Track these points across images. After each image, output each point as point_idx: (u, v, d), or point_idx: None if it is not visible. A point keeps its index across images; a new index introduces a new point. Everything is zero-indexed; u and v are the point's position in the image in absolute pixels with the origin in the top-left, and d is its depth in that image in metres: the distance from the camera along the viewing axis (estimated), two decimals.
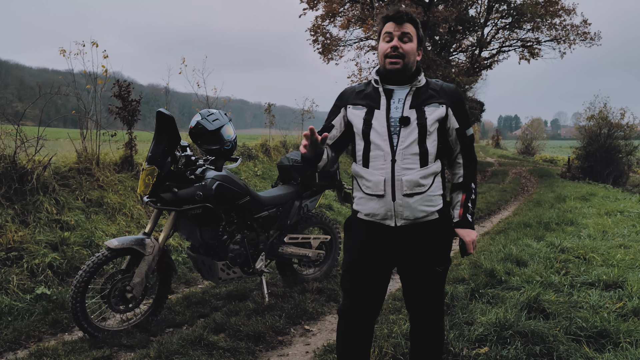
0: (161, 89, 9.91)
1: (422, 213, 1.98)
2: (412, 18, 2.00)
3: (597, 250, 5.01)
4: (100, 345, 3.07)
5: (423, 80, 2.05)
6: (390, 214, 1.98)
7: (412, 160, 1.95)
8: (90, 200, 5.47)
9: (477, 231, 7.31)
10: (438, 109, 1.99)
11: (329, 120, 2.18)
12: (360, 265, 2.07)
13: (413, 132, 1.95)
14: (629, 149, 17.45)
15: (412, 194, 1.95)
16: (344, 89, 2.20)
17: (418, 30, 2.03)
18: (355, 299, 2.11)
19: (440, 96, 2.02)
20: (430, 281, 2.06)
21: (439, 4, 16.76)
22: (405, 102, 1.99)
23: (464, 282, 4.08)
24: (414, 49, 1.99)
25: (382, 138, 1.97)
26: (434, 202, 2.00)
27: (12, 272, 3.98)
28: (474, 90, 24.69)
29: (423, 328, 2.15)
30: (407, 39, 1.98)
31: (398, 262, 2.09)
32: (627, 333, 2.88)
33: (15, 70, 71.79)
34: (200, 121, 3.62)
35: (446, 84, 2.09)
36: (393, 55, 1.97)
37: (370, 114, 2.01)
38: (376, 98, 2.03)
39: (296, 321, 3.52)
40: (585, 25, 19.70)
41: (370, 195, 2.02)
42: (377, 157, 1.99)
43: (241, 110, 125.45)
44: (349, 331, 2.14)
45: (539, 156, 36.97)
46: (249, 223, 3.78)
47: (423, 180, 1.96)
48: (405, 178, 1.94)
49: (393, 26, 1.99)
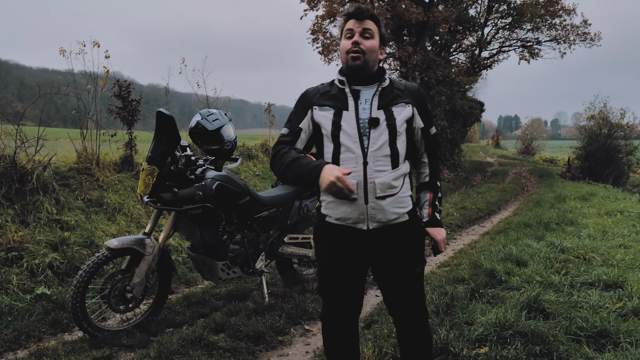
0: (161, 89, 9.92)
1: (394, 215, 1.96)
2: (373, 15, 1.98)
3: (597, 250, 5.00)
4: (100, 345, 3.07)
5: (388, 79, 2.03)
6: (363, 217, 1.94)
7: (383, 162, 1.93)
8: (90, 200, 5.47)
9: (477, 231, 7.33)
10: (405, 108, 1.97)
11: (294, 124, 2.07)
12: (334, 270, 2.05)
13: (383, 133, 1.92)
14: (629, 149, 17.46)
15: (384, 196, 1.92)
16: (305, 90, 2.13)
17: (380, 27, 2.00)
18: (333, 304, 2.11)
19: (406, 95, 2.00)
20: (409, 283, 2.04)
21: (439, 4, 16.75)
22: (373, 103, 1.96)
23: (464, 282, 4.08)
24: (375, 46, 1.96)
25: (352, 140, 1.92)
26: (404, 203, 1.98)
27: (12, 272, 3.98)
28: (474, 90, 24.71)
29: (409, 331, 2.12)
30: (368, 35, 1.95)
31: (372, 266, 2.07)
32: (627, 333, 2.88)
33: (15, 70, 71.80)
34: (200, 121, 3.62)
35: (409, 83, 2.07)
36: (354, 51, 1.93)
37: (339, 115, 1.95)
38: (343, 99, 1.98)
39: (296, 321, 3.52)
40: (585, 25, 19.71)
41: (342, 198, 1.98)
42: (348, 159, 1.93)
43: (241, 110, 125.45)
44: (333, 335, 2.15)
45: (539, 156, 36.99)
46: (249, 223, 3.78)
47: (395, 182, 1.94)
48: (378, 180, 1.91)
49: (354, 23, 1.96)
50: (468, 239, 6.74)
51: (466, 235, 7.12)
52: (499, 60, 21.37)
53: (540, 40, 20.45)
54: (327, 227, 2.04)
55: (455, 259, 5.20)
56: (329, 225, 2.03)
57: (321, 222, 2.07)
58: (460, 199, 11.23)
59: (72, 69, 6.49)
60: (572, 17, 19.60)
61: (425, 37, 16.63)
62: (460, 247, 6.04)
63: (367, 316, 3.51)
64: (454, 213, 8.51)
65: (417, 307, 2.08)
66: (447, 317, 3.22)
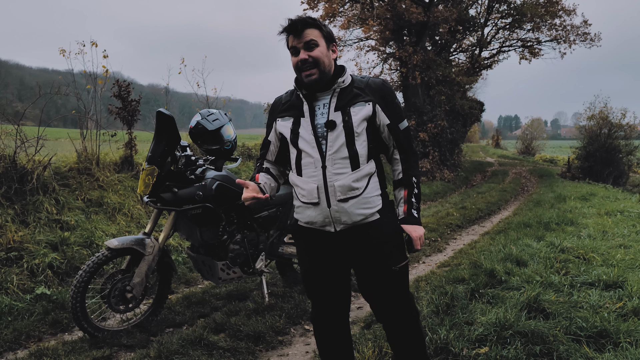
0: (161, 89, 9.92)
1: (360, 217, 1.93)
2: (308, 22, 1.90)
3: (597, 250, 5.00)
4: (100, 345, 3.07)
5: (348, 79, 1.98)
6: (328, 220, 1.94)
7: (342, 165, 1.91)
8: (90, 200, 5.47)
9: (477, 231, 7.33)
10: (364, 107, 1.93)
11: (265, 137, 2.17)
12: (313, 273, 2.07)
13: (340, 135, 1.90)
14: (629, 149, 17.47)
15: (346, 198, 1.90)
16: (273, 101, 2.15)
17: (321, 29, 1.92)
18: (320, 305, 2.11)
19: (366, 94, 1.95)
20: (389, 283, 1.99)
21: (439, 4, 16.74)
22: (330, 105, 1.94)
23: (464, 282, 4.08)
24: (323, 52, 1.91)
25: (310, 145, 1.93)
26: (371, 203, 1.94)
27: (12, 272, 3.98)
28: (474, 90, 24.66)
29: (398, 335, 2.08)
30: (312, 44, 1.89)
31: (352, 267, 2.05)
32: (627, 333, 2.88)
33: (15, 70, 71.79)
34: (200, 121, 3.62)
35: (372, 79, 2.02)
36: (306, 68, 1.89)
37: (297, 123, 1.97)
38: (299, 106, 1.98)
39: (296, 321, 3.52)
40: (585, 25, 19.71)
41: (306, 203, 1.98)
42: (308, 164, 1.95)
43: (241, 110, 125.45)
44: (324, 336, 2.16)
45: (539, 156, 37.00)
46: (249, 223, 3.78)
47: (356, 183, 1.91)
48: (337, 183, 1.90)
49: (292, 39, 1.91)
50: (468, 239, 6.74)
51: (466, 235, 7.11)
52: (499, 60, 21.36)
53: (541, 40, 20.46)
54: (300, 231, 2.07)
55: (455, 259, 5.19)
56: (302, 229, 2.06)
57: (295, 225, 2.10)
58: (460, 199, 11.23)
59: (72, 69, 6.50)
60: (572, 17, 19.65)
61: (425, 37, 16.62)
62: (460, 247, 6.04)
63: (367, 316, 3.51)
64: (454, 213, 8.51)
65: (402, 308, 2.04)
66: (447, 317, 3.22)
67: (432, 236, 6.68)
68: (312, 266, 2.07)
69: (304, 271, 2.12)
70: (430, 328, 3.03)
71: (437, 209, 9.55)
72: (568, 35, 19.73)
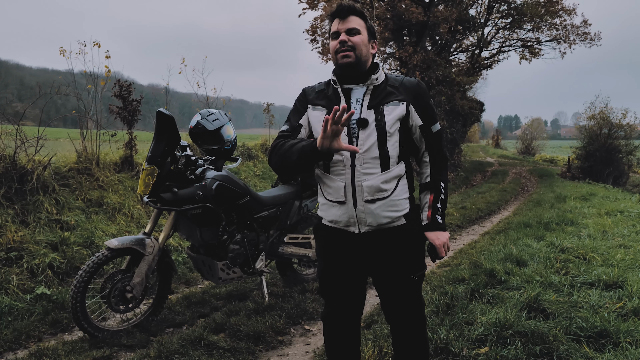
0: (161, 89, 9.92)
1: (386, 219, 1.89)
2: (356, 10, 1.90)
3: (597, 250, 5.00)
4: (100, 345, 3.07)
5: (382, 77, 1.95)
6: (353, 220, 1.91)
7: (372, 165, 1.86)
8: (90, 200, 5.47)
9: (477, 231, 7.32)
10: (398, 107, 1.88)
11: (294, 120, 2.03)
12: (332, 272, 2.04)
13: (372, 134, 1.85)
14: (629, 149, 17.47)
15: (373, 199, 1.86)
16: (304, 88, 2.09)
17: (366, 21, 1.92)
18: (334, 305, 2.09)
19: (400, 93, 1.91)
20: (405, 290, 1.98)
21: (439, 4, 16.75)
22: (364, 102, 1.89)
23: (464, 282, 4.08)
24: (364, 40, 1.89)
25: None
26: (398, 206, 1.90)
27: (12, 272, 3.98)
28: (474, 90, 24.70)
29: (404, 339, 2.07)
30: (355, 32, 1.88)
31: (370, 270, 2.03)
32: (627, 333, 2.88)
33: (15, 70, 71.75)
34: (200, 121, 3.62)
35: (407, 79, 1.97)
36: (343, 50, 1.87)
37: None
38: (335, 99, 1.93)
39: (296, 321, 3.52)
40: (585, 25, 19.73)
41: (332, 201, 1.94)
42: (337, 162, 1.89)
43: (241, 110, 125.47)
44: (334, 335, 2.14)
45: (539, 156, 36.99)
46: (249, 223, 3.78)
47: (385, 185, 1.87)
48: (365, 184, 1.86)
49: (338, 23, 1.90)
50: (468, 239, 6.74)
51: (466, 235, 7.11)
52: (499, 60, 21.40)
53: (541, 40, 20.48)
54: (323, 229, 2.04)
55: (455, 259, 5.19)
56: (325, 227, 2.03)
57: (319, 222, 2.07)
58: (460, 198, 11.23)
59: (72, 69, 6.50)
60: (572, 17, 19.63)
61: (425, 37, 16.63)
62: (460, 247, 6.04)
63: (367, 316, 3.51)
64: (454, 213, 8.51)
65: (413, 315, 2.04)
66: (447, 317, 3.22)
67: None
68: (330, 265, 2.04)
69: (322, 269, 2.09)
70: (430, 328, 3.03)
71: None
72: (568, 35, 19.76)
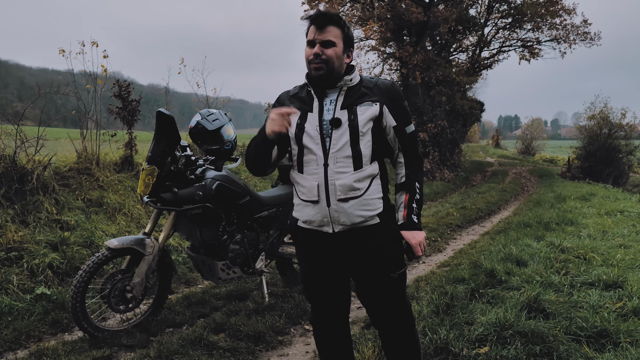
0: (161, 89, 9.92)
1: (360, 218, 1.90)
2: (334, 19, 1.89)
3: (597, 250, 5.00)
4: (100, 345, 3.07)
5: (357, 78, 1.96)
6: (327, 220, 1.91)
7: (344, 164, 1.88)
8: (90, 200, 5.47)
9: (477, 231, 7.32)
10: (371, 107, 1.90)
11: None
12: (313, 275, 2.04)
13: (344, 134, 1.88)
14: (629, 149, 17.48)
15: (346, 198, 1.88)
16: (280, 95, 2.11)
17: (344, 30, 1.91)
18: (319, 308, 2.10)
19: (374, 94, 1.93)
20: (386, 289, 1.97)
21: (439, 4, 16.74)
22: (337, 103, 1.92)
23: (464, 282, 4.08)
24: (338, 53, 1.89)
25: (314, 142, 1.91)
26: (372, 206, 1.91)
27: (12, 272, 3.98)
28: (474, 90, 24.68)
29: (393, 343, 2.06)
30: (330, 44, 1.87)
31: (349, 271, 2.02)
32: (627, 333, 2.88)
33: (15, 70, 71.72)
34: (200, 121, 3.62)
35: (382, 80, 1.99)
36: (316, 62, 1.88)
37: (304, 117, 1.93)
38: (309, 101, 1.96)
39: (296, 321, 3.52)
40: (585, 25, 19.72)
41: (306, 201, 1.95)
42: (310, 161, 1.92)
43: (241, 110, 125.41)
44: (324, 338, 2.14)
45: (539, 156, 37.00)
46: (249, 223, 3.78)
47: (357, 183, 1.88)
48: (338, 182, 1.87)
49: (314, 31, 1.88)
50: (468, 239, 6.74)
51: (466, 235, 7.11)
52: (499, 60, 21.37)
53: (541, 40, 20.47)
54: (299, 231, 2.05)
55: (455, 259, 5.19)
56: (302, 230, 2.04)
57: (294, 226, 2.07)
58: (460, 199, 11.23)
59: (72, 68, 6.50)
60: (572, 17, 19.68)
61: (425, 37, 16.62)
62: (460, 247, 6.04)
63: (367, 316, 3.51)
64: (454, 213, 8.51)
65: (399, 318, 2.02)
66: (447, 317, 3.22)
67: (432, 236, 6.67)
68: (310, 268, 2.05)
69: (303, 273, 2.10)
70: (430, 328, 3.03)
71: (437, 209, 9.55)
72: (568, 34, 19.76)
